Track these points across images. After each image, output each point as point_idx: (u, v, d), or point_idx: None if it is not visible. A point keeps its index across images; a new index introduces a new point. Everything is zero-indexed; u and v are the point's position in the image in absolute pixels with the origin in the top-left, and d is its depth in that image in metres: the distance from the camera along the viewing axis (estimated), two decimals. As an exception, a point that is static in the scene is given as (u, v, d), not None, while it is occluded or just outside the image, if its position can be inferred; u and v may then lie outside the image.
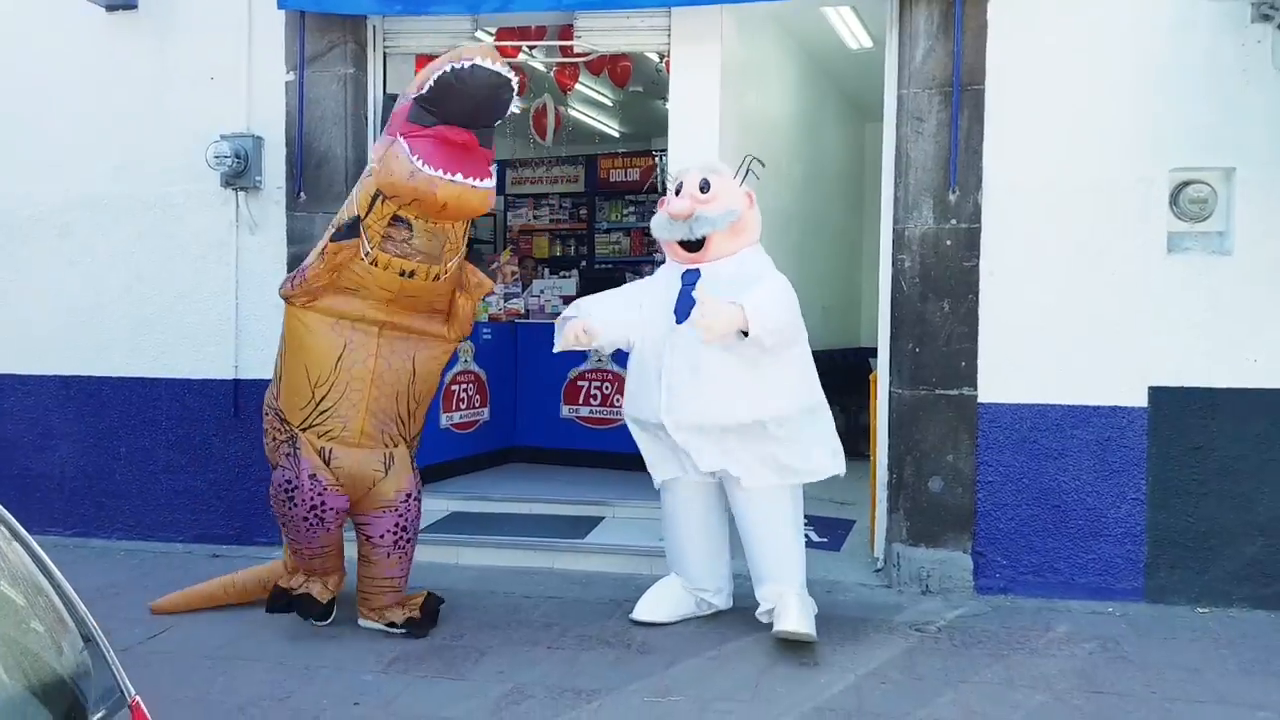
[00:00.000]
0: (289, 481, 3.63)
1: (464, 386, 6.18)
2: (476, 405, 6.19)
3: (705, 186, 3.77)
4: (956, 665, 3.55)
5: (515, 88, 3.39)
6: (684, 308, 3.70)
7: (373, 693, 3.30)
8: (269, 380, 5.00)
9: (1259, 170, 4.10)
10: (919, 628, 3.93)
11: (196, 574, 4.62)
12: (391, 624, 3.80)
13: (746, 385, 3.63)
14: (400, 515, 3.77)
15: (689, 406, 3.67)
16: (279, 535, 4.96)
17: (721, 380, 3.62)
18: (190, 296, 5.09)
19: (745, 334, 3.49)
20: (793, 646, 3.66)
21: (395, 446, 3.77)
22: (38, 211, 5.25)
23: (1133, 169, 4.20)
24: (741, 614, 3.99)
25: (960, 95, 4.31)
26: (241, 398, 5.03)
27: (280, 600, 3.80)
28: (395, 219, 3.44)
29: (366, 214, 3.47)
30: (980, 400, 4.35)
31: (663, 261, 4.07)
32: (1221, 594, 4.19)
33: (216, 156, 4.79)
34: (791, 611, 3.63)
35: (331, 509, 3.63)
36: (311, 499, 3.60)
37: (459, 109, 3.34)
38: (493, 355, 6.31)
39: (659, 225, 3.88)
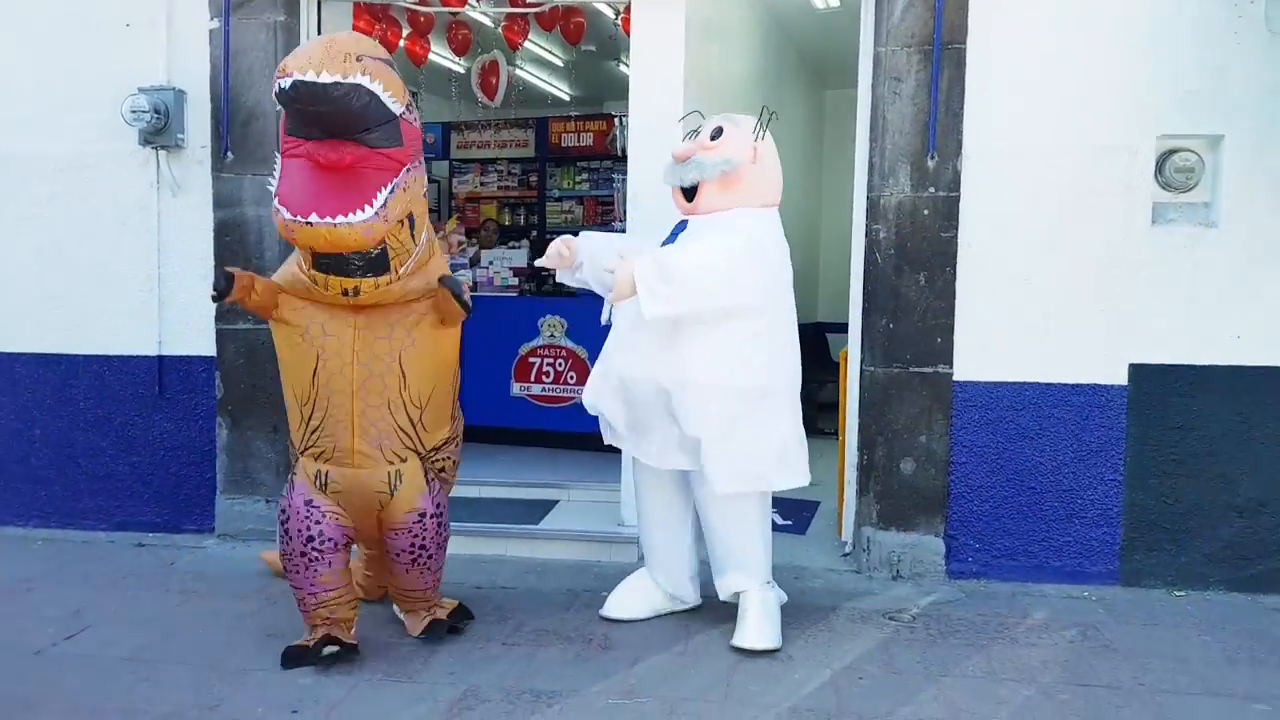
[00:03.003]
0: (283, 510, 3.22)
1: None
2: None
3: (717, 134, 3.50)
4: (935, 657, 3.37)
5: (369, 90, 2.75)
6: None
7: (311, 699, 3.02)
8: (196, 357, 4.68)
9: (1247, 137, 3.94)
10: (892, 616, 3.75)
11: (119, 565, 4.30)
12: (409, 627, 3.51)
13: (667, 347, 3.30)
14: (415, 536, 3.29)
15: (617, 360, 3.46)
16: (210, 522, 4.66)
17: (653, 337, 3.30)
18: (108, 265, 4.68)
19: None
20: (764, 640, 3.45)
21: (403, 462, 3.23)
22: (-65, 170, 4.78)
23: (1118, 135, 4.01)
24: (708, 605, 3.77)
25: (941, 54, 4.07)
26: (166, 375, 4.65)
27: (299, 659, 3.24)
28: None
29: None
30: (956, 378, 4.16)
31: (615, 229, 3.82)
32: (1198, 577, 4.07)
33: (133, 111, 4.37)
34: (749, 623, 3.42)
35: (330, 540, 3.18)
36: (307, 529, 3.15)
37: (311, 124, 2.80)
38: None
39: (665, 169, 3.60)
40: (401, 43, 6.68)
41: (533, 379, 6.09)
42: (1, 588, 3.98)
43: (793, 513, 5.05)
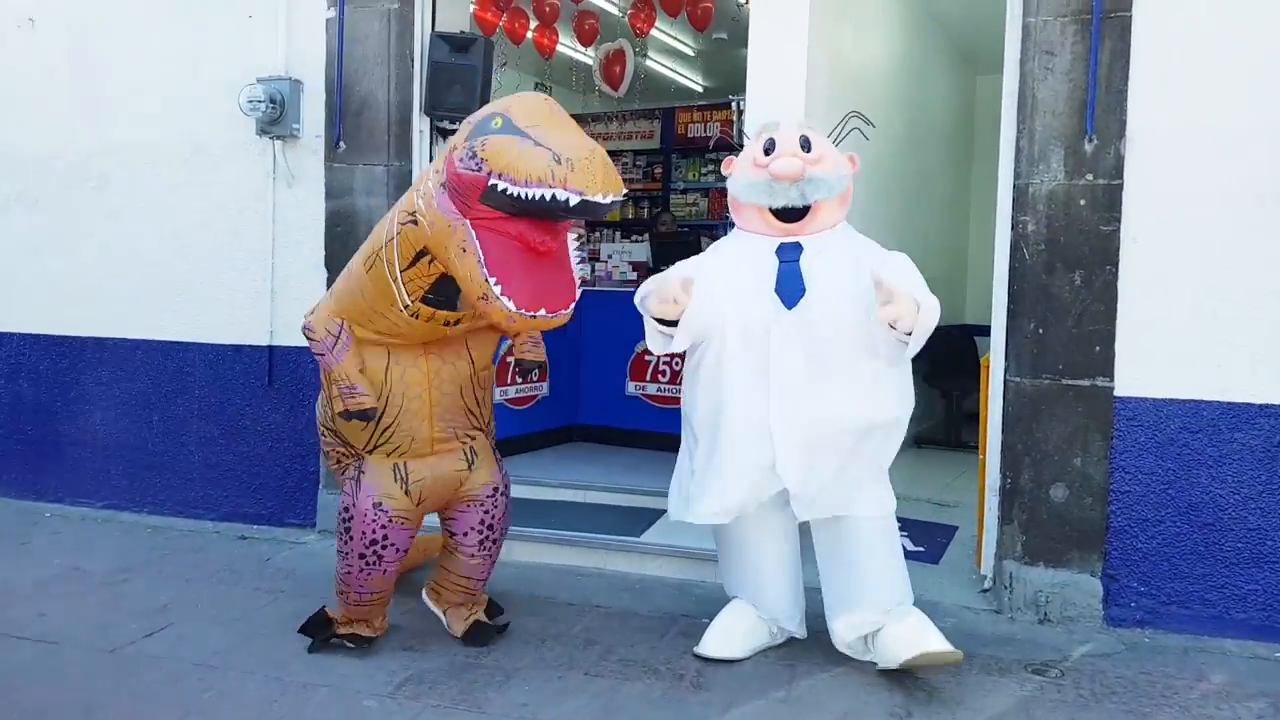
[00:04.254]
0: (346, 510, 3.14)
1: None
2: (534, 380, 5.67)
3: (807, 144, 3.10)
4: (1086, 725, 2.86)
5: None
6: (791, 289, 3.04)
7: (374, 722, 2.81)
8: (305, 348, 4.58)
9: None
10: (1037, 669, 3.25)
11: (218, 557, 4.27)
12: (450, 624, 3.45)
13: (871, 385, 3.04)
14: (486, 511, 3.31)
15: (808, 411, 3.02)
16: (312, 517, 4.59)
17: (850, 378, 3.01)
18: (226, 254, 4.69)
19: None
20: (884, 686, 3.05)
21: (474, 439, 3.29)
22: (75, 160, 4.92)
23: (1327, 111, 3.37)
24: (813, 641, 3.37)
25: (1101, 24, 3.53)
26: (276, 366, 4.62)
27: (320, 629, 3.29)
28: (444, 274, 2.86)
29: (408, 267, 2.90)
30: (1117, 393, 3.60)
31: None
32: None
33: (250, 101, 4.34)
34: (928, 630, 3.09)
35: (392, 546, 3.14)
36: (372, 533, 3.10)
37: (552, 217, 2.69)
38: (553, 330, 5.76)
39: (750, 188, 3.13)
40: (529, 34, 6.54)
41: (648, 378, 5.81)
42: (99, 578, 3.99)
43: (925, 538, 4.56)
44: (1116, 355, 3.60)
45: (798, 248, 3.10)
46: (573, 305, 2.74)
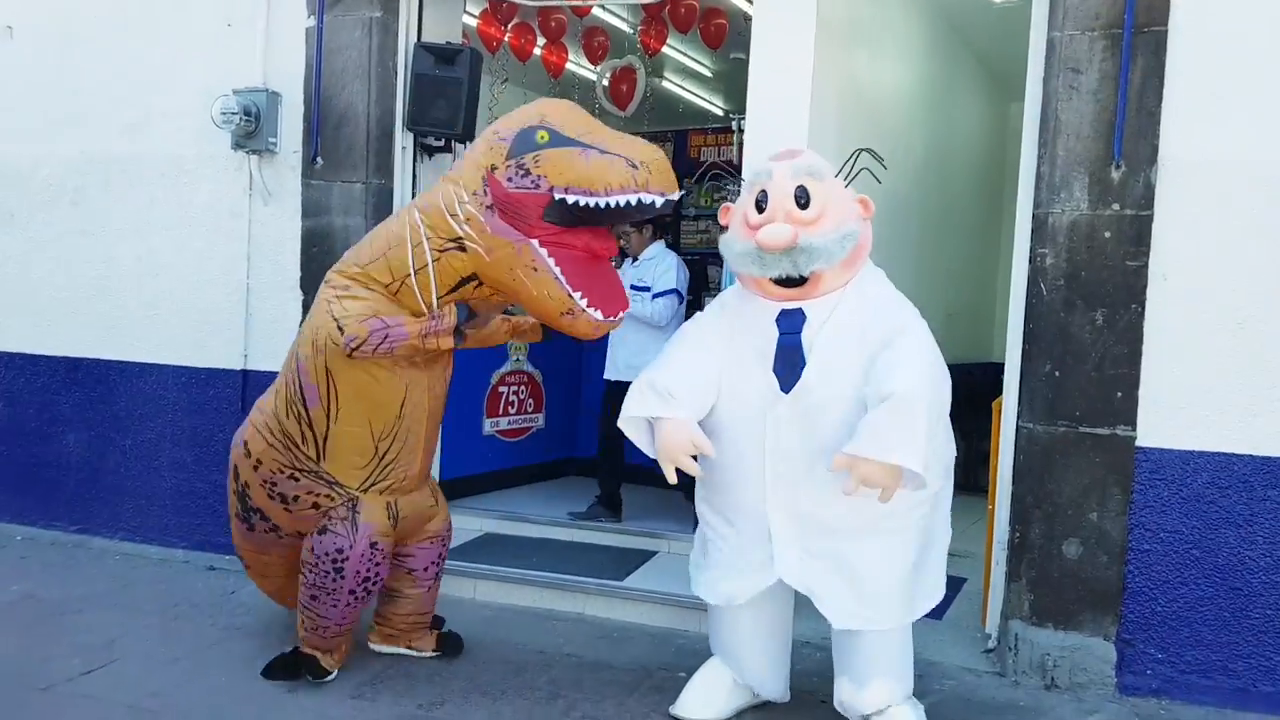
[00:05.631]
0: (339, 551, 3.04)
1: (514, 389, 5.44)
2: (530, 410, 5.45)
3: (804, 197, 2.71)
4: (1090, 814, 2.56)
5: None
6: (789, 369, 2.72)
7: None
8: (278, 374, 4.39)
9: None
10: (1039, 743, 2.94)
11: (181, 588, 4.09)
12: (419, 649, 3.41)
13: None
14: (445, 544, 3.43)
15: (806, 504, 2.73)
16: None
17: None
18: (200, 274, 4.51)
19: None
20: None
21: (430, 477, 3.40)
22: (53, 173, 4.77)
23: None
24: (795, 703, 3.09)
25: (1133, 39, 3.26)
26: (249, 391, 4.40)
27: (283, 669, 3.20)
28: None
29: (448, 293, 2.93)
30: (1139, 443, 3.30)
31: None
32: None
33: (223, 113, 4.16)
34: None
35: (378, 581, 3.16)
36: (366, 570, 3.07)
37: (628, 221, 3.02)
38: (550, 354, 5.53)
39: (742, 257, 2.75)
40: (537, 51, 6.37)
41: (649, 411, 5.54)
42: (52, 606, 3.80)
43: (930, 589, 4.24)
44: (1140, 402, 3.32)
45: (800, 317, 2.74)
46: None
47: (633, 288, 4.68)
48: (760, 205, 2.73)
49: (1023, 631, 3.42)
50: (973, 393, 6.20)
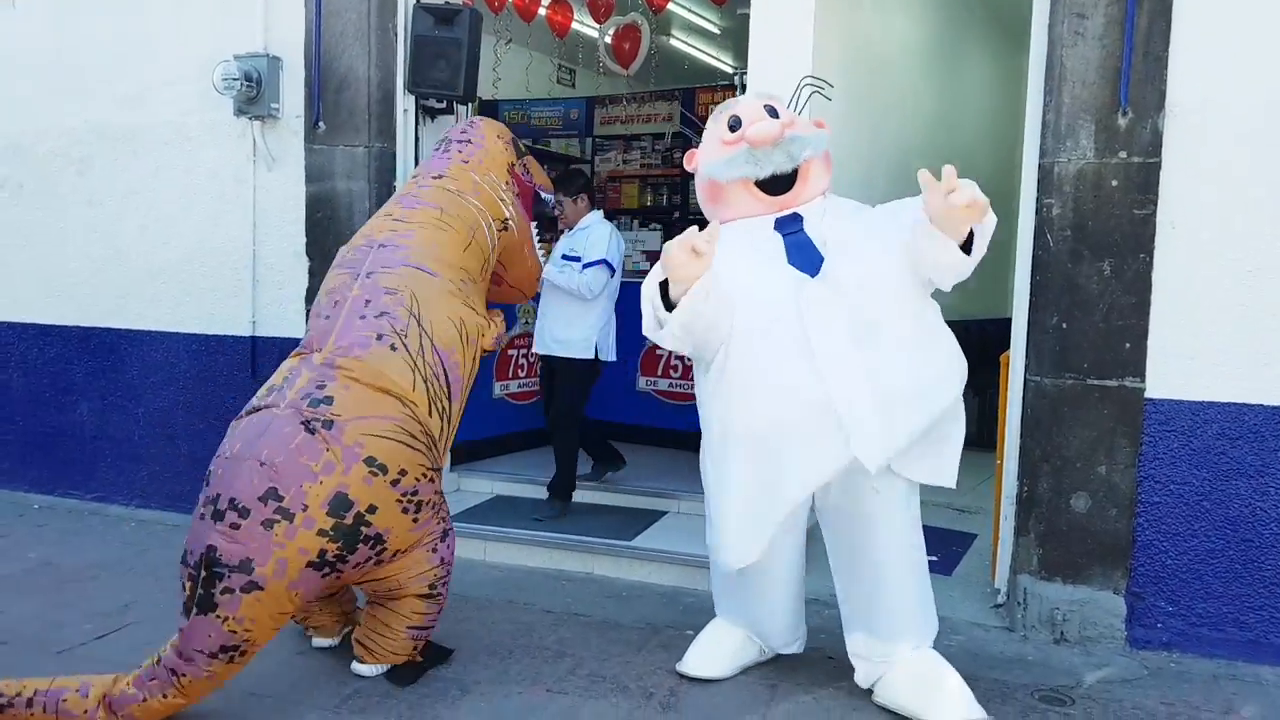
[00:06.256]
0: (454, 542, 2.94)
1: (523, 351, 5.44)
2: (538, 373, 5.44)
3: (773, 113, 2.79)
4: (1096, 764, 2.56)
5: None
6: (808, 258, 2.70)
7: (316, 741, 2.61)
8: (288, 340, 4.41)
9: None
10: (1047, 696, 2.94)
11: (194, 556, 4.09)
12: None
13: (917, 350, 2.70)
14: None
15: (870, 376, 2.61)
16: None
17: (899, 339, 2.66)
18: (207, 242, 4.52)
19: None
20: (871, 713, 2.77)
21: None
22: (58, 145, 4.78)
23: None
24: (800, 657, 3.10)
25: (1140, -18, 3.19)
26: (260, 357, 4.44)
27: (412, 675, 2.94)
28: None
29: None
30: (1148, 395, 3.27)
31: None
32: None
33: (225, 79, 4.15)
34: (951, 690, 2.72)
35: None
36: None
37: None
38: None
39: (729, 163, 2.74)
40: (542, 11, 6.29)
41: (659, 373, 5.54)
42: (69, 573, 3.86)
43: (940, 546, 4.24)
44: (1148, 353, 3.27)
45: (797, 218, 2.79)
46: None
47: (564, 257, 4.47)
48: (733, 128, 2.79)
49: (1031, 586, 3.41)
50: (985, 349, 6.16)
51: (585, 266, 4.41)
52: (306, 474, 2.50)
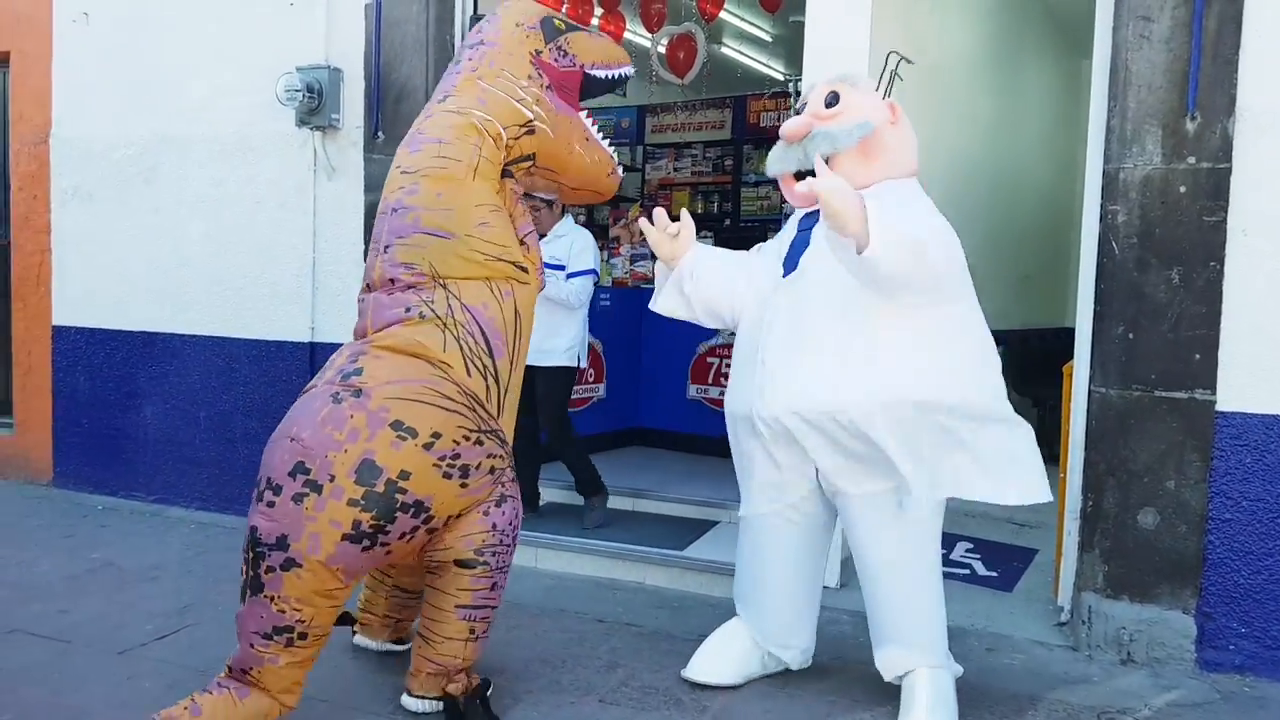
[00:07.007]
0: (518, 515, 2.78)
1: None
2: (590, 380, 5.45)
3: (833, 101, 2.77)
4: (1165, 790, 2.47)
5: None
6: (792, 257, 2.78)
7: (368, 746, 2.62)
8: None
9: None
10: (1113, 717, 2.85)
11: (251, 559, 4.15)
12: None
13: (867, 365, 2.57)
14: None
15: (783, 392, 2.66)
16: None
17: (835, 354, 2.59)
18: (268, 250, 4.61)
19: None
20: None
21: None
22: (129, 153, 4.92)
23: None
24: (855, 676, 3.04)
25: (1210, -17, 3.10)
26: (318, 363, 4.50)
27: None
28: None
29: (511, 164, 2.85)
30: (1219, 408, 3.16)
31: None
32: None
33: (287, 90, 4.24)
34: (919, 706, 2.66)
35: None
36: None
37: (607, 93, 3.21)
38: (613, 324, 5.53)
39: (771, 159, 2.87)
40: (594, 22, 6.32)
41: (710, 380, 5.52)
42: (130, 574, 3.94)
43: (1000, 561, 4.15)
44: (1220, 364, 3.17)
45: (814, 215, 2.76)
46: None
47: (546, 266, 4.42)
48: (798, 114, 2.86)
49: (1096, 604, 3.32)
50: (1047, 358, 6.03)
51: (571, 276, 4.32)
52: (331, 443, 2.42)
